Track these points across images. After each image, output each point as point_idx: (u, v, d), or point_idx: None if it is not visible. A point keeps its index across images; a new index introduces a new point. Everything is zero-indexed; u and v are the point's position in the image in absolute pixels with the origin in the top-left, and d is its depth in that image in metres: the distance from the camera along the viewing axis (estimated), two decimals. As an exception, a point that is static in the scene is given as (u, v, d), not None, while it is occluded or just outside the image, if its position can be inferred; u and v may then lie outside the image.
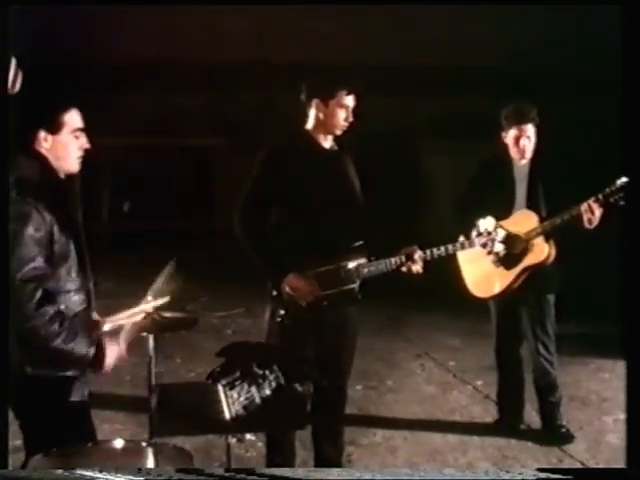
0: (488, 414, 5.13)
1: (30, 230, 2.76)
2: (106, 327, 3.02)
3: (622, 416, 4.98)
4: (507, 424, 4.90)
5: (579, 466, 4.41)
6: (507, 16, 10.00)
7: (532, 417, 4.94)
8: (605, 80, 6.61)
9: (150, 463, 2.57)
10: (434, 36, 11.55)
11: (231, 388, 2.96)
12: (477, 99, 10.80)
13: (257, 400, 2.77)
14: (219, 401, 2.86)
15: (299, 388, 2.76)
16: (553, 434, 4.75)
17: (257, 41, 11.56)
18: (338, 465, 4.02)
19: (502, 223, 4.56)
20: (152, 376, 3.44)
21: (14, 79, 4.32)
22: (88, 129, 2.99)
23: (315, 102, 3.78)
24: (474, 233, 4.04)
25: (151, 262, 3.55)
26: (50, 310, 2.76)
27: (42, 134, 2.89)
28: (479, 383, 5.73)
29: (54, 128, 2.90)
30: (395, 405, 5.44)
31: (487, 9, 9.65)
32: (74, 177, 2.98)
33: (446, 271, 4.68)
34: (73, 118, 2.93)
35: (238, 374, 2.98)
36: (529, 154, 4.64)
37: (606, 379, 5.84)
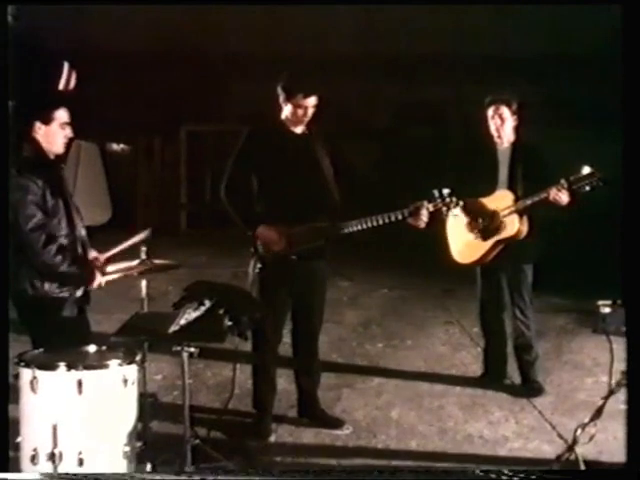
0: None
1: (30, 196, 3.84)
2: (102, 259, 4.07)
3: (604, 378, 5.48)
4: (489, 378, 5.52)
5: (536, 414, 5.01)
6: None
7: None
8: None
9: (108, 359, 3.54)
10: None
11: (188, 314, 3.86)
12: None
13: (191, 319, 3.65)
14: (172, 321, 3.76)
15: (220, 312, 3.63)
16: (526, 388, 5.35)
17: (357, 36, 12.33)
18: (313, 395, 4.82)
19: (483, 200, 5.22)
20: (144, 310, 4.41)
21: (68, 79, 5.38)
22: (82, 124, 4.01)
23: (284, 101, 4.61)
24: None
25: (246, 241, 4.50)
26: (53, 247, 3.84)
27: (37, 124, 3.96)
28: (489, 346, 6.31)
29: (47, 120, 3.96)
30: (404, 360, 6.15)
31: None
32: (61, 157, 4.04)
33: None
34: (61, 114, 4.00)
35: (196, 304, 3.88)
36: (507, 136, 5.25)
37: (614, 349, 6.24)
